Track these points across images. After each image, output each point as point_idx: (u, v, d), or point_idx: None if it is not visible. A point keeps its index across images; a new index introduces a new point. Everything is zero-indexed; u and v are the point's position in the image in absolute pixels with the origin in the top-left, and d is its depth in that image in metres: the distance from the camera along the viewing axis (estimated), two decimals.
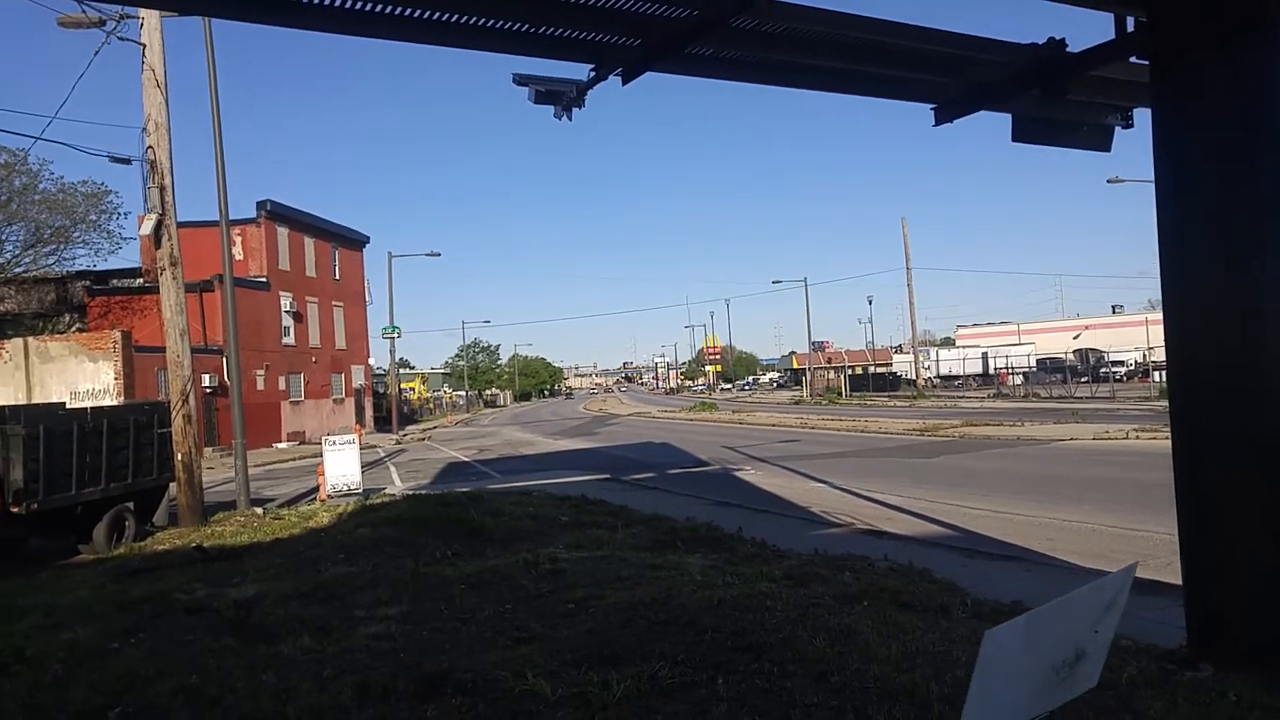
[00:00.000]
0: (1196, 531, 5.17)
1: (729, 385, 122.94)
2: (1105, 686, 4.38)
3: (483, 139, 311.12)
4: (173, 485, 15.03)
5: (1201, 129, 5.08)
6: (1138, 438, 21.26)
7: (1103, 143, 7.53)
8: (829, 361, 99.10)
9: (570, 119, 6.08)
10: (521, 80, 6.02)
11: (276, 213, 44.72)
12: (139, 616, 7.56)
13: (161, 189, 15.19)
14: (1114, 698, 4.37)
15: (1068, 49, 6.22)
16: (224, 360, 31.17)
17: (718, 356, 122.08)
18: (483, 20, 5.18)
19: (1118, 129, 7.49)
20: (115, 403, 27.88)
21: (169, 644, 6.59)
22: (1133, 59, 5.96)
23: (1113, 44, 5.92)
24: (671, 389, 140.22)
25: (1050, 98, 6.54)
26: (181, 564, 10.45)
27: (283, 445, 41.76)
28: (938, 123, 7.15)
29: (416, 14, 5.07)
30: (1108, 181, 40.05)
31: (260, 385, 41.50)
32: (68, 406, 14.37)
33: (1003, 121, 7.20)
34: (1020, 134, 7.17)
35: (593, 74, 5.91)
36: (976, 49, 6.44)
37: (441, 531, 10.98)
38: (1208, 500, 5.09)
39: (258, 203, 43.84)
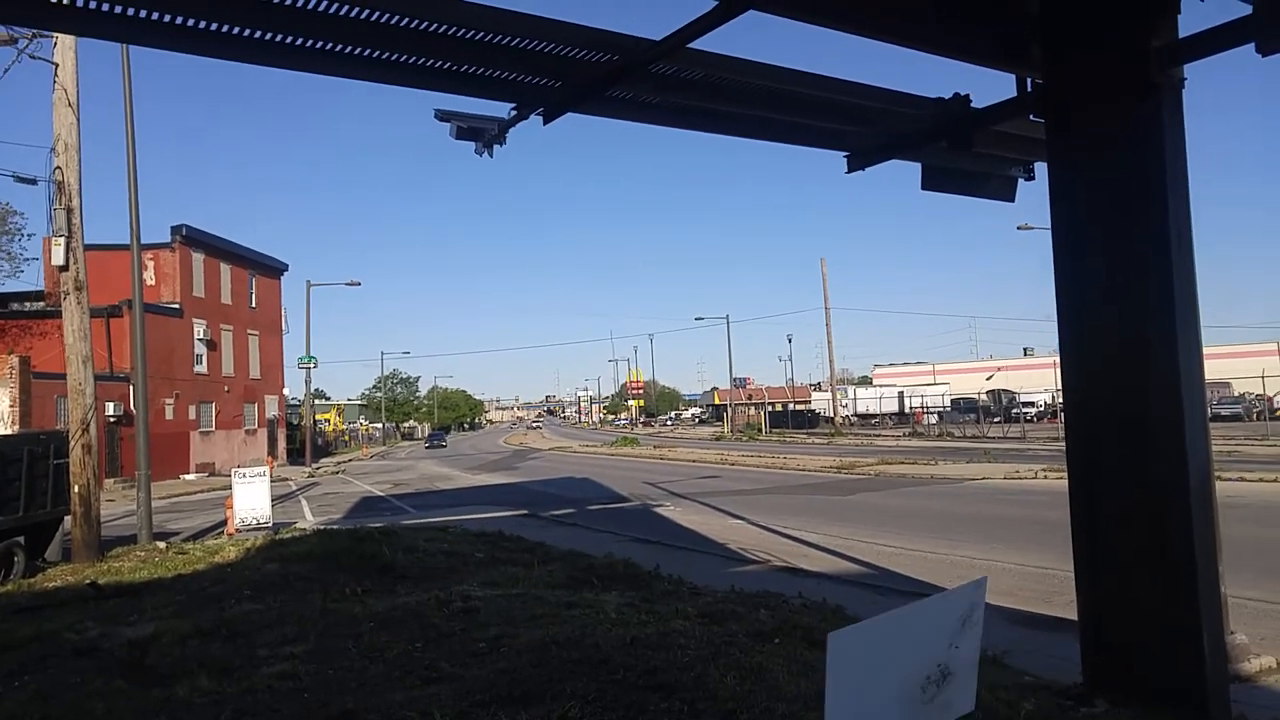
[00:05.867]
0: (1090, 568, 5.37)
1: (651, 420, 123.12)
2: None
3: (405, 169, 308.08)
4: (68, 519, 14.37)
5: (1091, 182, 5.38)
6: (1046, 477, 21.92)
7: (1007, 193, 7.87)
8: (750, 398, 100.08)
9: (491, 155, 6.10)
10: (443, 116, 6.03)
11: (192, 238, 43.55)
12: (24, 658, 7.18)
13: (69, 211, 14.70)
14: None
15: (972, 105, 6.51)
16: (130, 388, 30.07)
17: (641, 391, 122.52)
18: (404, 57, 5.17)
19: (1020, 180, 7.85)
20: (10, 431, 26.61)
21: (56, 687, 6.27)
22: (1031, 116, 6.26)
23: (1013, 101, 6.22)
24: (596, 423, 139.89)
25: (957, 149, 6.84)
26: (73, 602, 9.97)
27: (191, 477, 40.29)
28: (850, 170, 7.38)
29: (333, 48, 5.00)
30: (1018, 228, 41.71)
31: (169, 415, 40.07)
32: None
33: (916, 169, 7.47)
34: (929, 183, 7.45)
35: (514, 113, 5.95)
36: (889, 101, 6.69)
37: (353, 568, 10.72)
38: (1100, 538, 5.30)
39: (172, 227, 42.64)
